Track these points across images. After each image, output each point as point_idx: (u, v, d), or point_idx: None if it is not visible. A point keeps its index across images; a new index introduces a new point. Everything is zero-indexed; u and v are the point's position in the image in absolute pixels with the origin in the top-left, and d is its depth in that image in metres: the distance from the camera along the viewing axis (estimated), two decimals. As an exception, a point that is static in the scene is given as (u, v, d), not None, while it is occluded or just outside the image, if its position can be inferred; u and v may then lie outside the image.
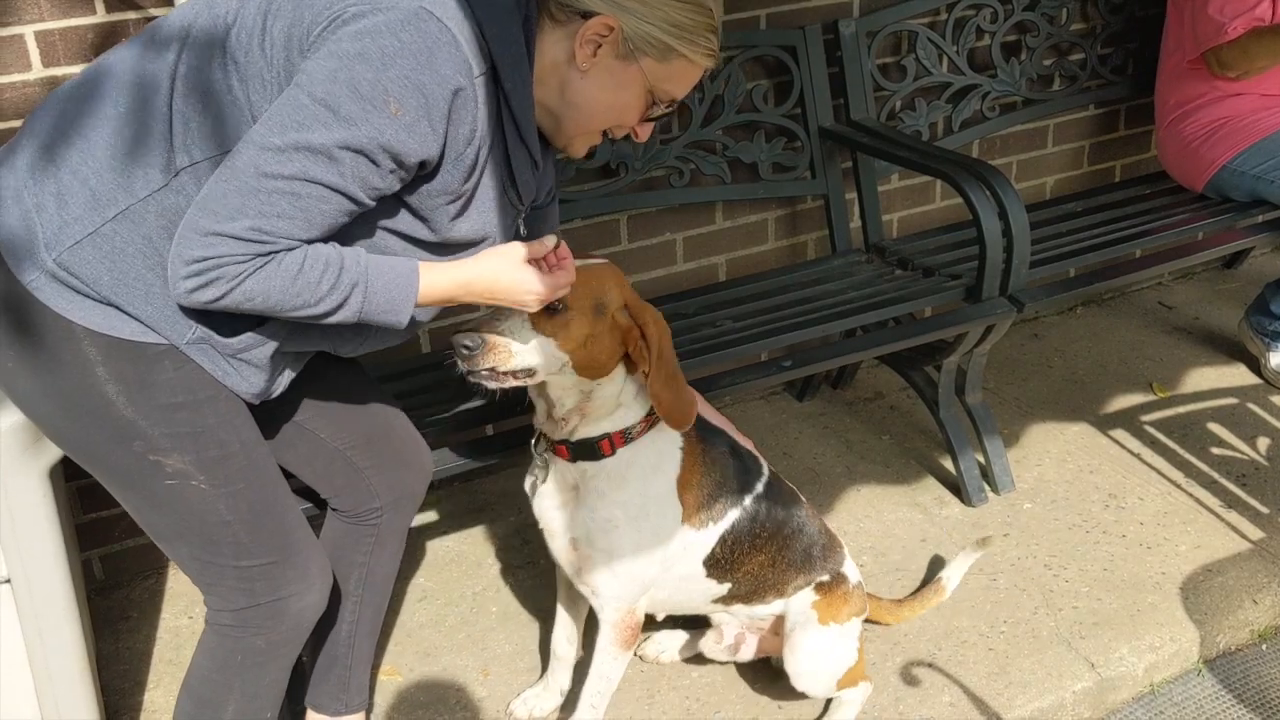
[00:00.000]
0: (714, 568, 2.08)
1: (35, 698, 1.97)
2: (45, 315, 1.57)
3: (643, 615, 2.09)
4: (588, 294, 1.82)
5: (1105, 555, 2.69)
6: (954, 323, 2.70)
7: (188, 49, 1.56)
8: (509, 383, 1.82)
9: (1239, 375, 3.43)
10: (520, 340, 1.78)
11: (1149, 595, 2.56)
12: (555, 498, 2.02)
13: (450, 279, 1.64)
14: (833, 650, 2.16)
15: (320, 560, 1.83)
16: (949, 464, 2.95)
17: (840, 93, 3.05)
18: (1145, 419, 3.22)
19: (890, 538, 2.79)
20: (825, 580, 2.18)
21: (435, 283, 1.62)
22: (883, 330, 2.79)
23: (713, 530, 2.05)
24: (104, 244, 1.55)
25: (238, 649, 1.79)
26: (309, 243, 1.51)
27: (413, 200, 1.59)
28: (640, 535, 1.97)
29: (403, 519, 2.08)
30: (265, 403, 1.74)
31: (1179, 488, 2.92)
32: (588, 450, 1.94)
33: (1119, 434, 3.15)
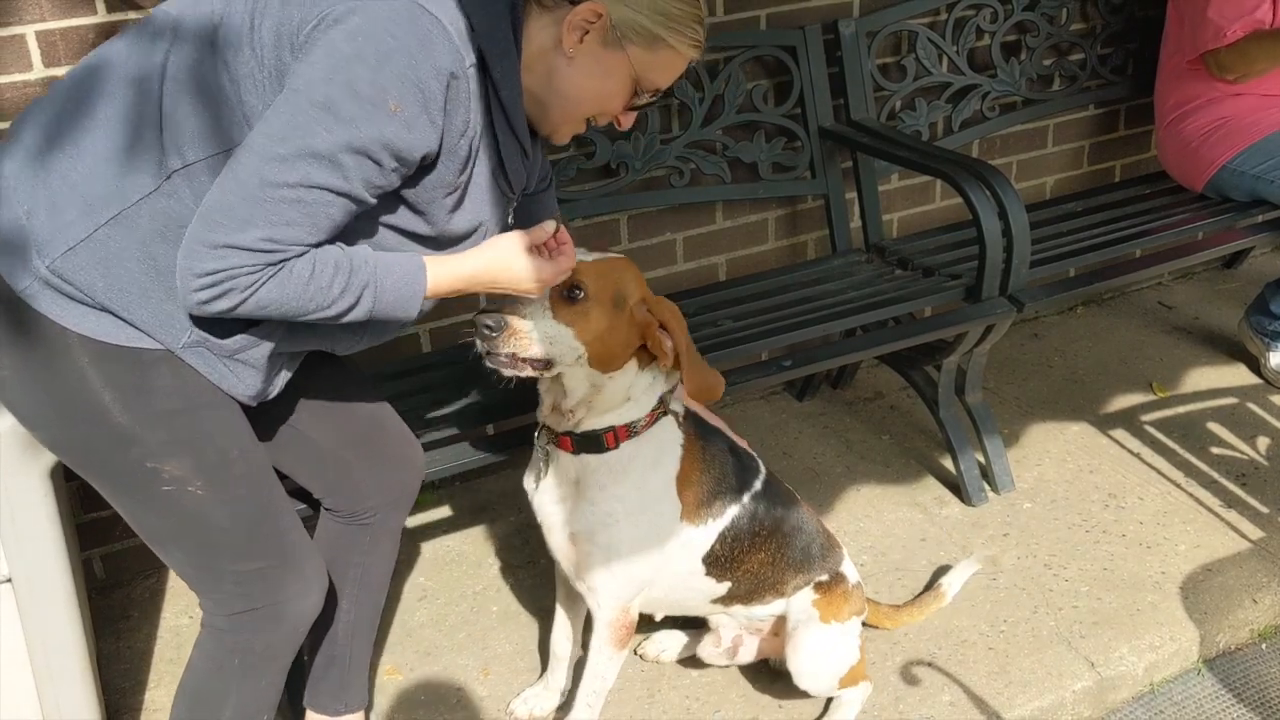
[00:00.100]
0: (714, 566, 2.08)
1: (36, 697, 1.97)
2: (40, 322, 1.56)
3: (637, 615, 2.10)
4: (608, 285, 1.83)
5: (1105, 555, 2.69)
6: (954, 322, 2.70)
7: (175, 48, 1.55)
8: (525, 371, 1.83)
9: (1239, 375, 3.43)
10: (540, 326, 1.79)
11: (1149, 595, 2.56)
12: (555, 492, 2.03)
13: (456, 271, 1.65)
14: (835, 648, 2.17)
15: (317, 563, 1.83)
16: (949, 464, 2.95)
17: (840, 93, 3.05)
18: (1145, 419, 3.22)
19: (890, 537, 2.79)
20: (824, 580, 2.18)
21: (442, 276, 1.63)
22: (883, 330, 2.79)
23: (712, 527, 2.05)
24: (98, 250, 1.54)
25: (235, 652, 1.79)
26: (316, 246, 1.51)
27: (411, 195, 1.60)
28: (639, 530, 1.98)
29: (397, 518, 2.09)
30: (259, 405, 1.74)
31: (1179, 487, 2.93)
32: (592, 443, 1.95)
33: (1119, 434, 3.15)
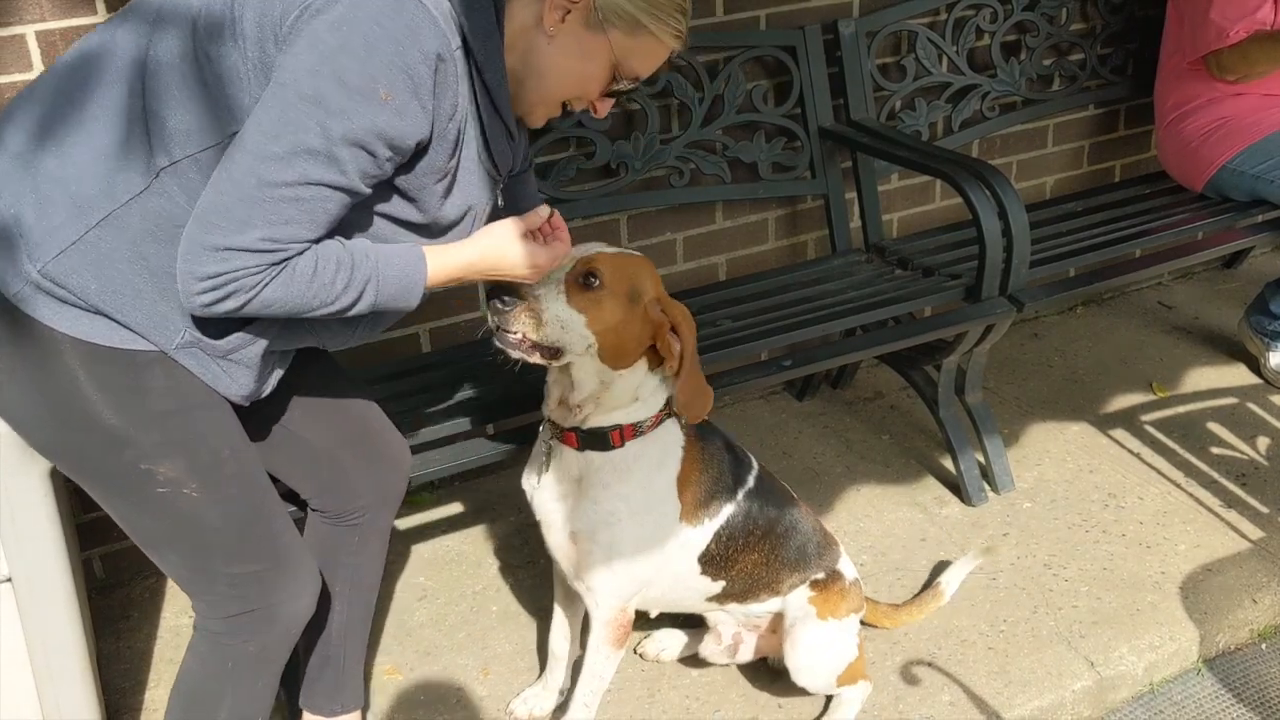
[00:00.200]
0: (709, 565, 2.08)
1: (36, 696, 1.97)
2: (32, 327, 1.55)
3: (634, 613, 2.10)
4: (624, 278, 1.84)
5: (1105, 555, 2.69)
6: (954, 322, 2.70)
7: (156, 39, 1.54)
8: (534, 357, 1.83)
9: (1239, 375, 3.43)
10: (553, 308, 1.79)
11: (1149, 594, 2.56)
12: (556, 489, 2.02)
13: (454, 260, 1.66)
14: (832, 645, 2.17)
15: (309, 564, 1.83)
16: (949, 463, 2.95)
17: (840, 93, 3.05)
18: (1145, 419, 3.22)
19: (890, 537, 2.79)
20: (821, 578, 2.18)
21: (441, 265, 1.64)
22: (883, 330, 2.79)
23: (708, 526, 2.05)
24: (89, 252, 1.53)
25: (229, 655, 1.79)
26: (316, 241, 1.51)
27: (403, 183, 1.59)
28: (641, 530, 1.98)
29: (386, 517, 2.08)
30: (251, 404, 1.73)
31: (1179, 487, 2.92)
32: (597, 440, 1.94)
33: (1119, 434, 3.15)
